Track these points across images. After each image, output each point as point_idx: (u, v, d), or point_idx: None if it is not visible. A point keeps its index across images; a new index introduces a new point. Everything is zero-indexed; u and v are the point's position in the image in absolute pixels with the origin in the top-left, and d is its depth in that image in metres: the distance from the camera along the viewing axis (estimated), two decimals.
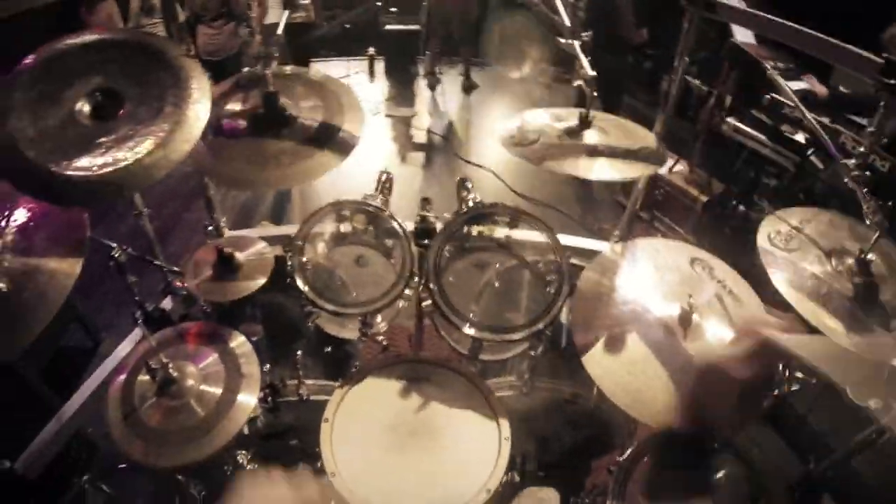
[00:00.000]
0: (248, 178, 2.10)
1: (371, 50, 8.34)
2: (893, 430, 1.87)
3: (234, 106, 2.21)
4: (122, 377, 2.06)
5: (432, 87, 8.24)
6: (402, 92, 8.02)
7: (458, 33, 7.84)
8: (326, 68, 8.25)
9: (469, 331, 2.10)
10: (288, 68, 2.32)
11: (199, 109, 1.85)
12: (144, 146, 1.74)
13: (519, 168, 6.01)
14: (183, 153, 1.77)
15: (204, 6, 6.17)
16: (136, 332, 2.64)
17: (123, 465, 2.02)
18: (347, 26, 8.79)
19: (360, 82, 8.23)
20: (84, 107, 1.82)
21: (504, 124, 2.18)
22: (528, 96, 7.92)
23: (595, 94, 2.10)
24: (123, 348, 2.70)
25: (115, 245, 2.40)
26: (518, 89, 8.18)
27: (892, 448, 2.11)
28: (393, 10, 8.33)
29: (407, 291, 2.21)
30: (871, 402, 2.20)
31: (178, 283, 2.77)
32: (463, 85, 8.25)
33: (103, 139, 1.76)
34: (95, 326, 3.90)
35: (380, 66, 8.49)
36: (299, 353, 2.48)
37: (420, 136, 7.09)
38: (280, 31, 2.32)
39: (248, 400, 2.02)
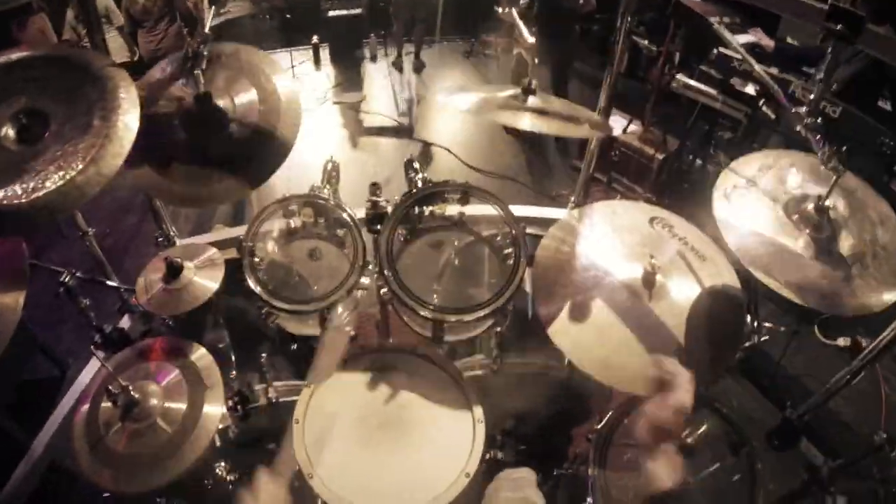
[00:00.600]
0: (193, 195, 2.10)
1: (315, 38, 8.21)
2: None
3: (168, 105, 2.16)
4: (85, 407, 2.00)
5: (400, 68, 8.17)
6: (349, 77, 7.93)
7: (421, 15, 7.76)
8: None
9: (426, 314, 2.06)
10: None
11: (128, 120, 1.79)
12: (74, 165, 1.68)
13: (473, 142, 5.99)
14: (115, 167, 1.71)
15: (145, 11, 6.01)
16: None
17: (107, 495, 1.97)
18: (288, 16, 8.64)
19: (306, 72, 8.12)
20: (8, 131, 1.76)
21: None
22: (477, 70, 7.90)
23: (536, 61, 2.07)
24: (85, 375, 2.63)
25: (62, 270, 2.33)
26: (466, 64, 8.16)
27: (867, 386, 2.14)
28: None
29: (363, 281, 2.17)
30: (840, 341, 2.22)
31: (135, 300, 2.71)
32: (413, 65, 8.18)
33: (31, 163, 1.70)
34: (60, 354, 3.81)
35: (324, 53, 8.38)
36: (264, 355, 2.42)
37: (370, 121, 7.02)
38: (207, 28, 2.25)
39: (215, 411, 1.98)
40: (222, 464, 2.33)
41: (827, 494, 2.15)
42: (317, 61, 8.28)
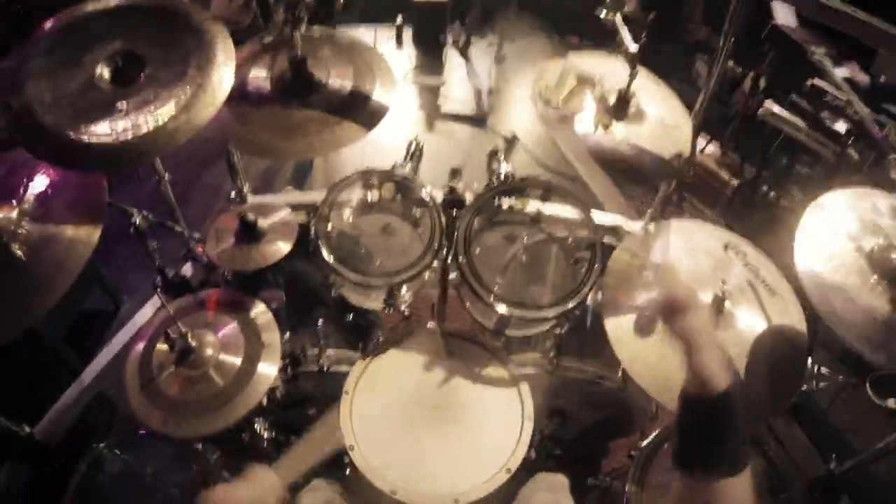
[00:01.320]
0: (273, 147, 2.06)
1: (399, 18, 8.22)
2: None
3: (260, 71, 2.16)
4: (141, 345, 2.04)
5: (464, 54, 8.13)
6: (430, 61, 7.91)
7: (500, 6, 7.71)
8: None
9: (500, 308, 2.05)
10: (316, 32, 2.26)
11: (223, 73, 1.80)
12: (166, 110, 1.70)
13: (549, 140, 5.86)
14: (206, 118, 1.72)
15: None
16: (156, 298, 2.63)
17: (143, 431, 2.02)
18: None
19: (388, 50, 8.13)
20: (104, 71, 1.78)
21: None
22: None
23: (636, 69, 2.05)
24: (143, 314, 2.68)
25: (135, 210, 2.37)
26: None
27: None
28: None
29: (434, 263, 2.17)
30: (890, 402, 2.14)
31: (199, 249, 2.75)
32: (495, 56, 8.12)
33: (123, 103, 1.72)
34: (118, 289, 3.89)
35: (407, 34, 8.37)
36: (320, 322, 2.44)
37: (448, 106, 6.99)
38: None
39: (269, 370, 2.00)
40: (262, 419, 2.37)
41: None
42: (399, 41, 8.28)
